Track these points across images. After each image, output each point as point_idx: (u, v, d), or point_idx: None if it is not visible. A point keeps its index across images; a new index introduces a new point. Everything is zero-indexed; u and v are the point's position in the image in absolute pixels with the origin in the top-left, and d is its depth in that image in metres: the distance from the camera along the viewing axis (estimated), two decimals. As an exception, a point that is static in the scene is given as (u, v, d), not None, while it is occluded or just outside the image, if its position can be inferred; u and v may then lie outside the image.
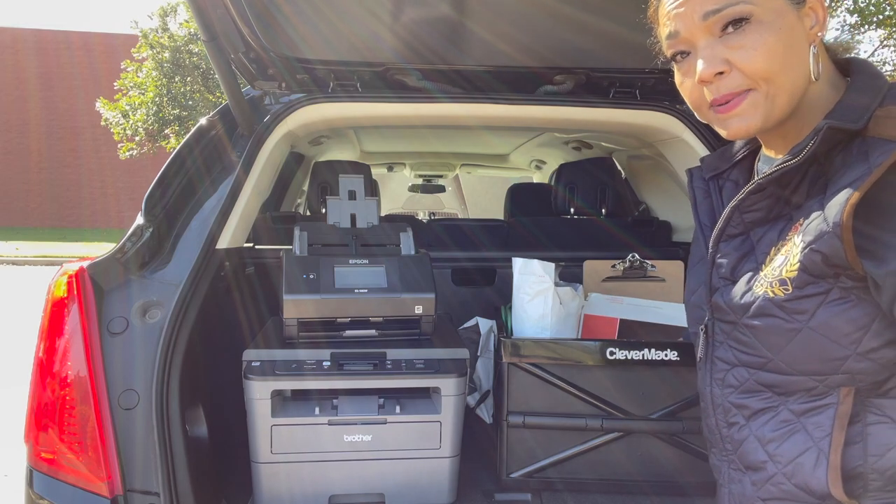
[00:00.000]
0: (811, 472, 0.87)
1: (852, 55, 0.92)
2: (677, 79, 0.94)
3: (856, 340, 0.81)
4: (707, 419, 1.04)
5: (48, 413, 1.32)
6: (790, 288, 0.84)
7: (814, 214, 0.82)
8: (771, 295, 0.86)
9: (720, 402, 0.98)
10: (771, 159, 0.97)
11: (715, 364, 0.98)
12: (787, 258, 0.85)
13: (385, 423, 1.46)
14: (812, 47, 0.86)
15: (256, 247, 2.00)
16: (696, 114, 0.94)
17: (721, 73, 0.85)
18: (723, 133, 0.91)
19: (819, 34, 0.86)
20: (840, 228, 0.77)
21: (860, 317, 0.81)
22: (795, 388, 0.88)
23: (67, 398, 1.31)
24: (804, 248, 0.82)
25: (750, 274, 0.91)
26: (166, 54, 15.55)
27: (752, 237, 0.93)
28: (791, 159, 0.84)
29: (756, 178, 0.97)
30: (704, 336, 0.99)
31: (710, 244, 0.98)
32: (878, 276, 0.76)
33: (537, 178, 4.28)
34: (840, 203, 0.77)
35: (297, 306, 1.50)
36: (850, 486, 0.86)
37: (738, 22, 0.83)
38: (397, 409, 1.47)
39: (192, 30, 15.50)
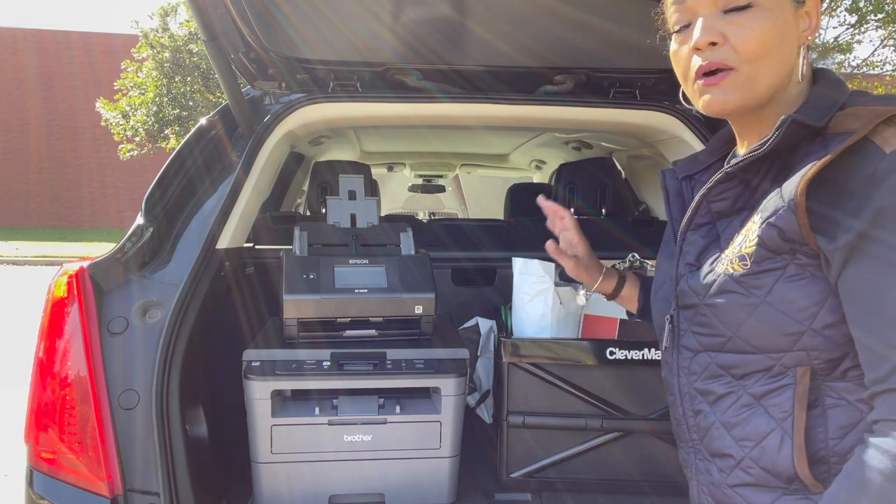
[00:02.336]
0: (776, 452, 0.89)
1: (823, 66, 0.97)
2: (672, 48, 0.98)
3: (811, 316, 0.85)
4: (674, 410, 1.06)
5: (48, 413, 1.32)
6: (749, 263, 0.88)
7: (772, 194, 0.87)
8: (731, 271, 0.90)
9: (686, 391, 1.01)
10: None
11: (681, 353, 1.02)
12: (746, 236, 0.90)
13: (385, 423, 1.46)
14: (802, 48, 0.91)
15: (256, 247, 2.00)
16: (682, 85, 0.99)
17: (714, 43, 0.90)
18: (701, 106, 0.95)
19: (809, 38, 0.92)
20: (794, 203, 0.82)
21: (815, 293, 0.84)
22: (753, 368, 0.91)
23: (67, 398, 1.31)
24: (762, 224, 0.87)
25: (714, 257, 0.95)
26: (166, 54, 15.53)
27: (718, 227, 0.98)
28: (757, 150, 0.89)
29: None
30: (670, 326, 1.03)
31: (679, 234, 1.02)
32: (827, 251, 0.82)
33: (537, 178, 4.28)
34: (795, 181, 0.83)
35: (297, 306, 1.50)
36: (815, 471, 0.88)
37: (742, 8, 0.88)
38: (397, 409, 1.47)
39: (192, 29, 15.48)
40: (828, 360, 0.86)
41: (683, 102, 1.02)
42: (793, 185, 0.83)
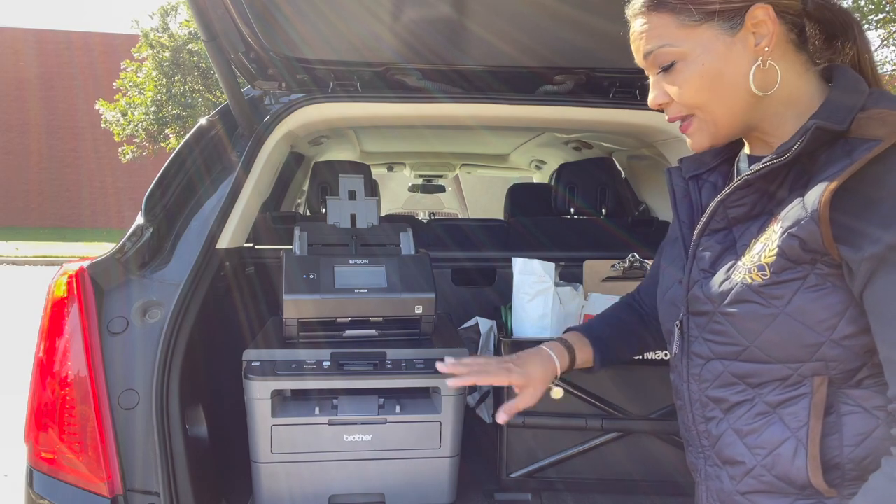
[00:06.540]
0: (790, 462, 0.89)
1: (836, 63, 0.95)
2: None
3: (830, 327, 0.84)
4: (683, 416, 1.05)
5: (48, 413, 1.32)
6: (768, 273, 0.86)
7: (794, 203, 0.86)
8: (749, 281, 0.88)
9: (697, 398, 1.00)
10: (751, 158, 1.00)
11: (691, 360, 1.00)
12: (765, 245, 0.88)
13: (385, 423, 1.46)
14: (757, 62, 0.89)
15: (256, 247, 2.00)
16: None
17: (665, 102, 0.96)
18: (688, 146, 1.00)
19: (767, 48, 0.88)
20: (817, 214, 0.80)
21: (835, 304, 0.83)
22: (769, 377, 0.90)
23: (67, 398, 1.31)
24: (783, 234, 0.85)
25: (729, 265, 0.93)
26: (166, 54, 15.52)
27: (735, 232, 0.96)
28: (778, 157, 0.87)
29: (737, 176, 1.01)
30: (679, 332, 1.01)
31: (693, 238, 1.00)
32: (852, 262, 0.80)
33: (537, 178, 4.28)
34: (819, 191, 0.81)
35: (297, 306, 1.50)
36: (829, 477, 0.87)
37: (667, 68, 0.93)
38: (397, 409, 1.47)
39: (192, 29, 15.47)
40: (846, 370, 0.85)
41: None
42: (816, 194, 0.81)
